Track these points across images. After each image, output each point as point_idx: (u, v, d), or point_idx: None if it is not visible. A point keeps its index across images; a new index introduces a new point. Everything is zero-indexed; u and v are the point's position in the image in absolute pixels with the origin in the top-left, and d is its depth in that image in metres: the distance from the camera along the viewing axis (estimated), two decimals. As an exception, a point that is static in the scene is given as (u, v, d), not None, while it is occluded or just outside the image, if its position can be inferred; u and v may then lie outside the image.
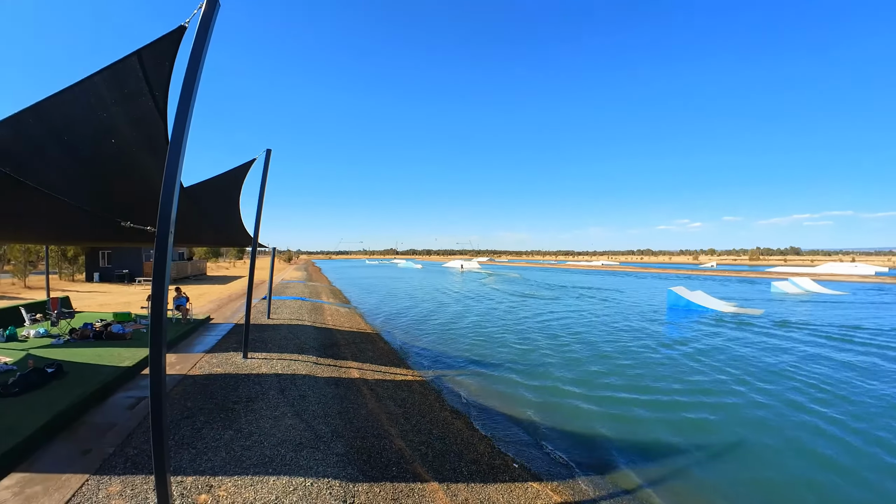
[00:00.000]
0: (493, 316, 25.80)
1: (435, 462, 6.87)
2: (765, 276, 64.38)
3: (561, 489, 6.81)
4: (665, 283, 53.52)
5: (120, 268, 34.03)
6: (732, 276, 70.72)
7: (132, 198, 7.32)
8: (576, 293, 40.34)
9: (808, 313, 27.13)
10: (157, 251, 4.21)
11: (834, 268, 73.85)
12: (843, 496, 7.02)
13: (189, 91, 4.26)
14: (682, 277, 66.78)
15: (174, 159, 4.21)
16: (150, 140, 5.57)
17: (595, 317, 25.54)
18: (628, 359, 15.34)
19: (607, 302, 33.39)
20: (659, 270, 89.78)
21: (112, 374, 8.54)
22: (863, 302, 34.07)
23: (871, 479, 7.50)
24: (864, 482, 7.40)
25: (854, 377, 13.03)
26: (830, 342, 18.13)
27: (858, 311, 27.91)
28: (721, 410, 10.53)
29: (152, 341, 4.24)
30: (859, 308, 29.82)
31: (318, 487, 5.31)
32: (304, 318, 18.64)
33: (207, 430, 6.72)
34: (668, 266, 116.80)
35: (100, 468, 5.42)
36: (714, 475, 7.60)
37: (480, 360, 15.09)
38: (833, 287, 43.57)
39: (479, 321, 23.78)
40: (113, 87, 4.57)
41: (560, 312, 27.33)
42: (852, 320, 24.15)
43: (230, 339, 13.27)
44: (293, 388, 9.01)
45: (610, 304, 32.19)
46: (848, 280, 57.54)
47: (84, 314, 15.57)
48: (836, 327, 21.70)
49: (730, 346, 17.21)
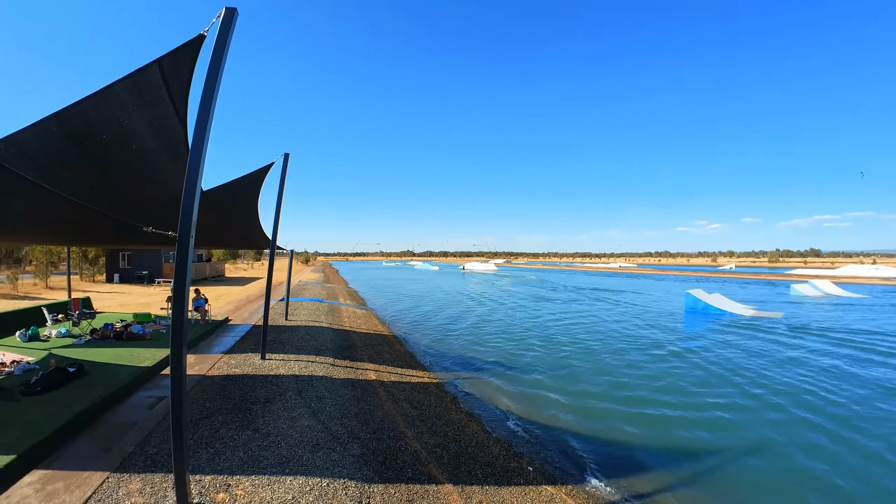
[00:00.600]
0: (509, 319, 25.68)
1: (450, 464, 6.86)
2: (784, 279, 63.31)
3: (576, 493, 6.76)
4: (683, 285, 52.90)
5: (140, 269, 34.55)
6: (751, 278, 69.67)
7: (153, 202, 7.45)
8: (593, 295, 40.04)
9: (827, 317, 26.60)
10: (179, 254, 4.29)
11: (854, 270, 72.28)
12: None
13: (209, 98, 4.33)
14: (700, 280, 65.95)
15: (195, 165, 4.28)
16: (171, 146, 5.68)
17: (612, 320, 25.32)
18: (646, 363, 15.17)
19: (624, 304, 33.10)
20: (677, 273, 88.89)
21: (132, 374, 8.68)
22: (882, 304, 33.46)
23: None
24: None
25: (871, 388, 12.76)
26: (846, 348, 17.79)
27: (878, 315, 27.31)
28: (739, 415, 10.37)
29: (173, 341, 4.32)
30: (878, 311, 29.19)
31: (333, 488, 5.33)
32: (321, 320, 18.75)
33: (225, 430, 6.79)
34: (686, 268, 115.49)
35: (120, 466, 5.50)
36: (732, 482, 7.49)
37: (497, 363, 15.04)
38: (853, 290, 42.71)
39: (495, 323, 23.71)
40: (133, 95, 4.66)
41: (577, 315, 27.15)
42: (871, 325, 23.64)
43: (248, 341, 13.40)
44: (310, 390, 9.07)
45: (627, 306, 31.90)
46: (869, 283, 56.36)
47: (105, 315, 15.82)
48: (854, 332, 21.27)
49: (750, 351, 16.96)
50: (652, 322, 24.41)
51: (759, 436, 9.29)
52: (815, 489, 7.27)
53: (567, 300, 36.05)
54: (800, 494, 7.12)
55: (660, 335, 20.41)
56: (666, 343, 18.50)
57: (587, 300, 36.10)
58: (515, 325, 23.59)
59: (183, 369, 4.36)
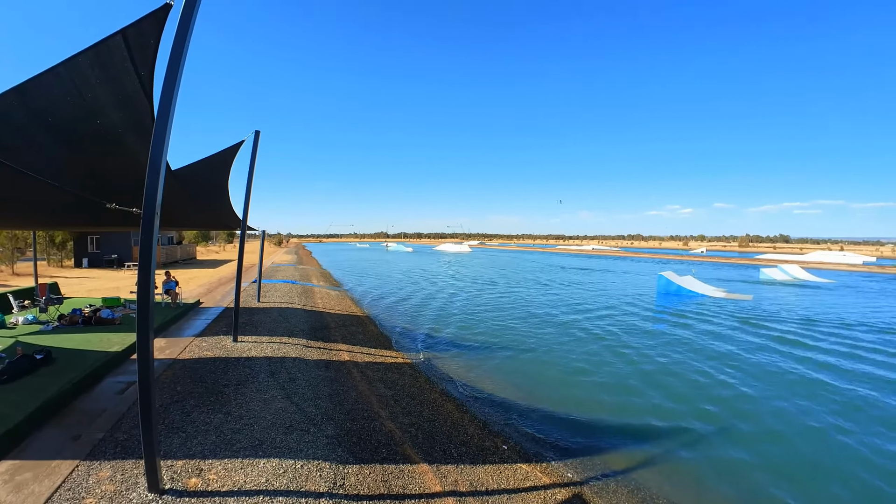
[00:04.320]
0: (484, 298, 25.84)
1: (425, 444, 6.94)
2: (754, 263, 64.76)
3: (550, 470, 6.91)
4: (656, 267, 53.78)
5: (109, 253, 33.70)
6: (722, 262, 71.15)
7: (119, 180, 7.24)
8: (567, 278, 40.47)
9: (794, 300, 27.60)
10: (143, 232, 4.18)
11: (822, 256, 74.29)
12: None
13: (175, 69, 4.20)
14: (673, 262, 67.15)
15: (160, 138, 4.16)
16: (137, 121, 5.50)
17: (582, 301, 25.70)
18: (617, 343, 15.50)
19: (597, 285, 33.60)
20: (649, 255, 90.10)
21: (101, 360, 8.52)
22: (846, 287, 35.11)
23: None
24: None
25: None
26: (810, 329, 18.48)
27: (838, 299, 28.38)
28: (709, 395, 10.70)
29: (139, 324, 4.24)
30: (840, 296, 30.37)
31: (308, 470, 5.35)
32: (294, 302, 18.64)
33: (197, 413, 6.74)
34: (658, 251, 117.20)
35: (90, 454, 5.42)
36: (698, 457, 7.75)
37: (472, 343, 15.19)
38: (821, 275, 43.98)
39: (469, 303, 23.81)
40: (97, 68, 4.50)
41: (552, 295, 27.45)
42: (835, 308, 24.74)
43: (220, 323, 13.26)
44: (283, 372, 9.03)
45: (598, 287, 32.38)
46: (836, 268, 57.97)
47: (73, 300, 15.45)
48: (817, 313, 22.12)
49: (718, 333, 17.45)
50: (623, 303, 24.87)
51: (728, 413, 9.61)
52: (770, 467, 7.57)
53: (545, 281, 36.40)
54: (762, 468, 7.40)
55: (631, 317, 20.86)
56: (639, 324, 18.91)
57: (561, 283, 36.48)
58: (490, 304, 23.79)
59: (150, 353, 4.30)
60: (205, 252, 62.63)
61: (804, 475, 7.22)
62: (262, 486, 4.90)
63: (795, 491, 6.73)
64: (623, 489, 6.62)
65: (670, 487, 6.74)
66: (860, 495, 6.70)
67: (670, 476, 7.08)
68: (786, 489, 6.77)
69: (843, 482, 7.01)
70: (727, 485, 6.91)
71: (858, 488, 6.87)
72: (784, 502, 6.47)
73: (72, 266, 33.43)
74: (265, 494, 4.76)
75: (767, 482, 6.97)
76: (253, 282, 22.36)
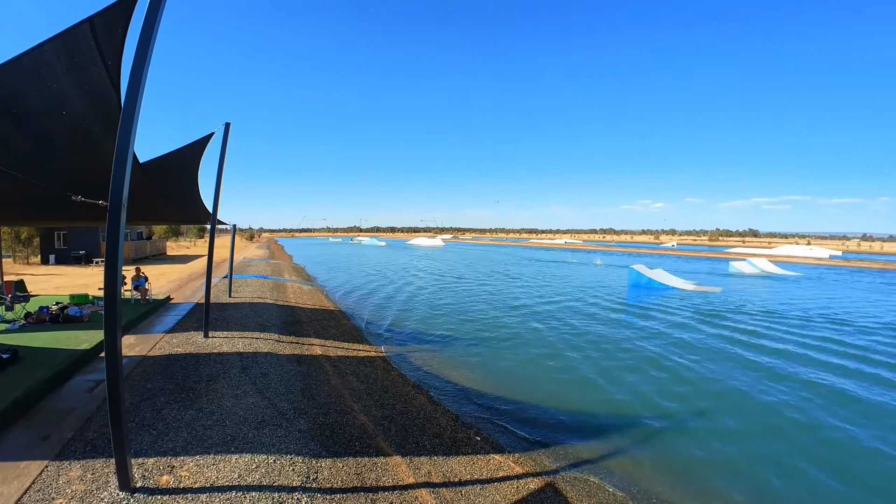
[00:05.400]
0: (455, 292, 26.01)
1: (398, 436, 7.02)
2: (724, 256, 66.23)
3: (523, 460, 7.06)
4: (628, 260, 54.69)
5: (77, 249, 32.75)
6: (693, 255, 72.61)
7: (86, 173, 7.10)
8: (538, 271, 40.89)
9: (762, 292, 28.57)
10: (110, 225, 4.13)
11: (790, 250, 76.40)
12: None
13: (143, 58, 4.15)
14: (644, 256, 68.32)
15: (127, 129, 4.11)
16: (104, 111, 5.41)
17: (553, 293, 26.08)
18: (590, 335, 15.79)
19: (568, 278, 34.06)
20: (621, 249, 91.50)
21: (70, 358, 8.37)
22: (810, 279, 36.72)
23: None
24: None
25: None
26: (778, 320, 19.18)
27: (804, 291, 29.46)
28: (677, 385, 11.01)
29: (107, 320, 4.21)
30: (803, 288, 31.59)
31: (280, 464, 5.38)
32: (266, 297, 18.50)
33: (168, 410, 6.70)
34: (630, 245, 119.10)
35: (59, 454, 5.36)
36: (665, 447, 8.02)
37: (444, 336, 15.33)
38: (788, 268, 45.27)
39: (440, 297, 23.96)
40: (63, 56, 4.41)
41: (524, 288, 27.72)
42: (801, 298, 25.89)
43: (191, 319, 13.11)
44: (255, 367, 9.01)
45: (570, 280, 32.82)
46: (803, 262, 59.65)
47: (40, 298, 15.06)
48: (785, 305, 22.97)
49: (687, 325, 17.92)
50: (595, 296, 25.27)
51: (695, 405, 9.93)
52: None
53: (515, 274, 36.72)
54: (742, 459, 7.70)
55: (603, 310, 21.24)
56: (610, 317, 19.30)
57: (537, 275, 36.86)
58: (460, 298, 23.98)
59: (118, 350, 4.27)
60: (175, 247, 61.37)
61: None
62: (234, 482, 4.93)
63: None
64: (594, 478, 6.78)
65: (639, 475, 6.95)
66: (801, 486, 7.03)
67: (640, 464, 7.29)
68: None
69: (787, 475, 7.33)
70: (695, 471, 7.17)
71: (802, 481, 7.20)
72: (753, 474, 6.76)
73: (38, 263, 32.46)
74: (238, 490, 4.79)
75: (727, 466, 7.27)
76: (224, 277, 22.05)
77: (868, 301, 25.10)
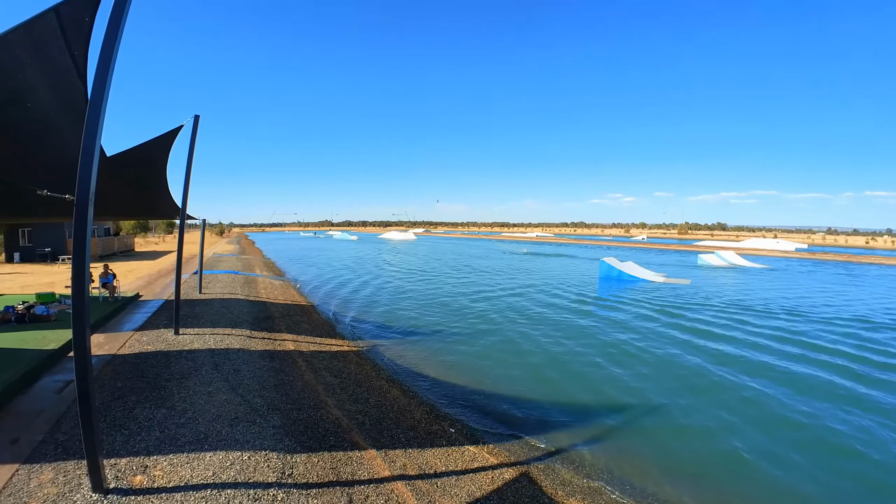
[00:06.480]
0: (427, 286, 26.10)
1: (372, 430, 7.08)
2: (693, 249, 67.68)
3: (497, 451, 7.19)
4: (598, 253, 55.57)
5: (42, 246, 31.73)
6: (663, 248, 74.10)
7: (52, 166, 6.94)
8: (509, 265, 41.27)
9: (730, 283, 29.60)
10: (77, 220, 4.07)
11: (757, 243, 78.78)
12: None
13: (110, 49, 4.07)
14: (614, 249, 69.44)
15: (94, 121, 4.04)
16: (69, 103, 5.31)
17: (522, 285, 26.43)
18: (558, 326, 16.08)
19: (538, 273, 34.47)
20: (592, 242, 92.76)
21: (37, 358, 8.18)
22: (775, 271, 38.64)
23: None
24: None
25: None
26: (744, 311, 19.78)
27: (771, 283, 30.71)
28: (640, 375, 11.30)
29: (75, 318, 4.15)
30: (769, 280, 33.00)
31: (255, 461, 5.39)
32: (237, 292, 18.32)
33: (140, 409, 6.62)
34: (600, 238, 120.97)
35: (29, 457, 5.25)
36: (639, 434, 8.27)
37: (416, 329, 15.44)
38: (755, 260, 46.59)
39: (412, 291, 24.06)
40: (28, 46, 4.32)
41: (497, 282, 27.99)
42: (769, 290, 26.80)
43: (161, 316, 12.91)
44: (227, 363, 8.96)
45: (540, 274, 33.23)
46: (770, 254, 61.39)
47: (5, 297, 14.60)
48: (750, 296, 23.72)
49: (655, 317, 18.37)
50: (566, 289, 25.65)
51: (659, 393, 10.22)
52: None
53: (485, 267, 36.98)
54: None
55: (574, 302, 21.59)
56: (579, 309, 19.63)
57: (505, 268, 37.19)
58: (433, 291, 24.12)
59: (87, 349, 4.23)
60: (143, 244, 59.86)
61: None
62: (209, 480, 4.92)
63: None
64: (568, 466, 6.95)
65: (613, 463, 7.13)
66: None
67: (614, 452, 7.48)
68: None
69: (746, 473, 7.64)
70: (667, 457, 7.40)
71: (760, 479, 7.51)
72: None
73: (2, 261, 31.42)
74: (213, 487, 4.79)
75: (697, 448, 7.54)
76: (194, 273, 21.72)
77: (825, 292, 26.25)
